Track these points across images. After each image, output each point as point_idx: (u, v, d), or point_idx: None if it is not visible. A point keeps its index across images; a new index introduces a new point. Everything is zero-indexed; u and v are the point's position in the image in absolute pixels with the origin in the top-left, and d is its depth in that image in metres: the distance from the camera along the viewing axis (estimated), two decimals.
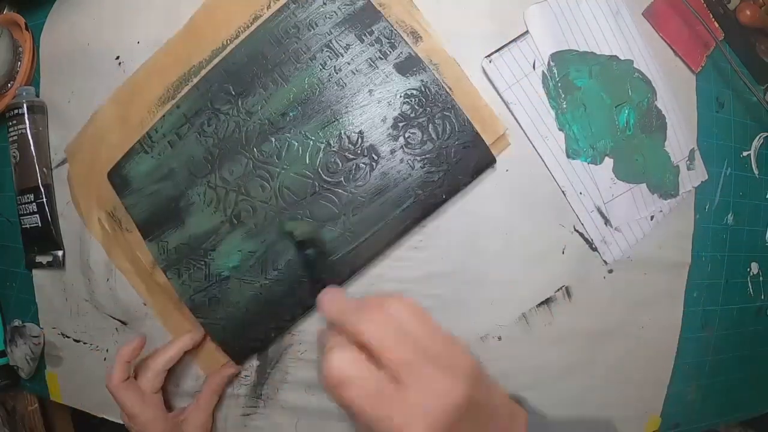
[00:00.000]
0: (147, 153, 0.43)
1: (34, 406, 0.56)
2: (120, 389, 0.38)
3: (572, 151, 0.41)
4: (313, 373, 0.42)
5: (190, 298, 0.42)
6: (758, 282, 0.49)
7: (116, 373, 0.38)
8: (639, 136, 0.42)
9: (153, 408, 0.40)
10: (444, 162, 0.38)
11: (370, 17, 0.39)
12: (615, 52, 0.42)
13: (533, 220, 0.41)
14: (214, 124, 0.41)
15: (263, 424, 0.44)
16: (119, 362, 0.39)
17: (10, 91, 0.49)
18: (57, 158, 0.48)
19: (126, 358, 0.39)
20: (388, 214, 0.39)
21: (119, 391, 0.38)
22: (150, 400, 0.40)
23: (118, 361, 0.39)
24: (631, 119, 0.42)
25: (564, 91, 0.41)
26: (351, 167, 0.39)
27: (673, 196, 0.44)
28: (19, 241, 0.49)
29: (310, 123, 0.40)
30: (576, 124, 0.41)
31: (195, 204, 0.41)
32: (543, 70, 0.41)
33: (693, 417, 0.47)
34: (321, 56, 0.40)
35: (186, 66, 0.43)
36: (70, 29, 0.48)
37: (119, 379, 0.38)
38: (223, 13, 0.42)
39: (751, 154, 0.48)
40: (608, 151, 0.42)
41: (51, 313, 0.50)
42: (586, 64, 0.41)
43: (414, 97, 0.39)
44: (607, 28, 0.42)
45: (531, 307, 0.41)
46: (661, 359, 0.45)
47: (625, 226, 0.42)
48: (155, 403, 0.40)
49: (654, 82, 0.43)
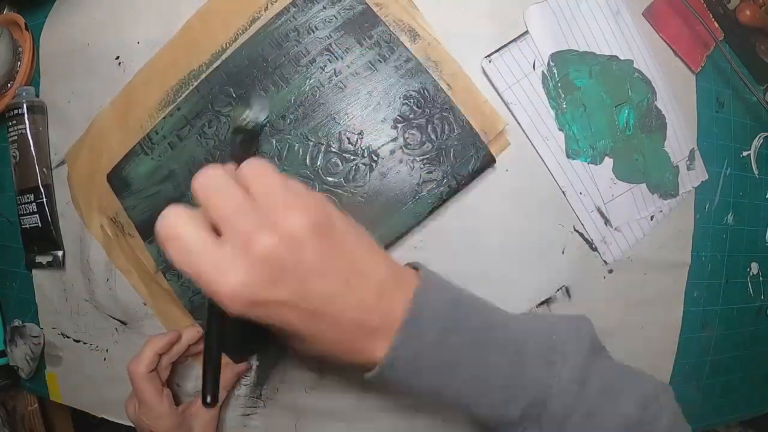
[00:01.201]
0: (147, 155, 0.43)
1: (34, 406, 0.56)
2: (145, 379, 0.37)
3: (572, 151, 0.41)
4: (313, 373, 0.42)
5: (190, 300, 0.42)
6: (758, 282, 0.49)
7: (145, 362, 0.37)
8: (639, 136, 0.42)
9: (168, 402, 0.39)
10: (443, 162, 0.38)
11: (369, 21, 0.39)
12: (615, 52, 0.42)
13: (533, 219, 0.41)
14: (215, 125, 0.41)
15: (263, 424, 0.44)
16: (151, 351, 0.37)
17: (10, 91, 0.49)
18: (57, 158, 0.48)
19: (158, 350, 0.38)
20: (388, 215, 0.39)
21: (143, 380, 0.37)
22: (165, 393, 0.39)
23: (150, 349, 0.37)
24: (631, 119, 0.42)
25: (564, 91, 0.41)
26: (351, 168, 0.39)
27: (673, 196, 0.44)
28: (19, 241, 0.49)
29: (310, 125, 0.40)
30: (576, 124, 0.41)
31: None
32: (543, 70, 0.40)
33: (693, 417, 0.47)
34: (321, 59, 0.40)
35: (185, 70, 0.43)
36: (70, 29, 0.48)
37: (148, 368, 0.37)
38: (221, 16, 0.42)
39: (751, 154, 0.48)
40: (608, 151, 0.42)
41: (51, 313, 0.50)
42: (586, 64, 0.41)
43: (413, 99, 0.39)
44: (607, 28, 0.42)
45: (531, 307, 0.41)
46: (661, 359, 0.45)
47: (625, 226, 0.42)
48: (169, 397, 0.39)
49: (654, 82, 0.43)
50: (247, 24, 0.42)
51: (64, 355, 0.50)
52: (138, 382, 0.37)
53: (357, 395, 0.42)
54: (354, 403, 0.42)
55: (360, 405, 0.42)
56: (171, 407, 0.39)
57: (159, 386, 0.38)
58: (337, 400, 0.42)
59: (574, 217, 0.41)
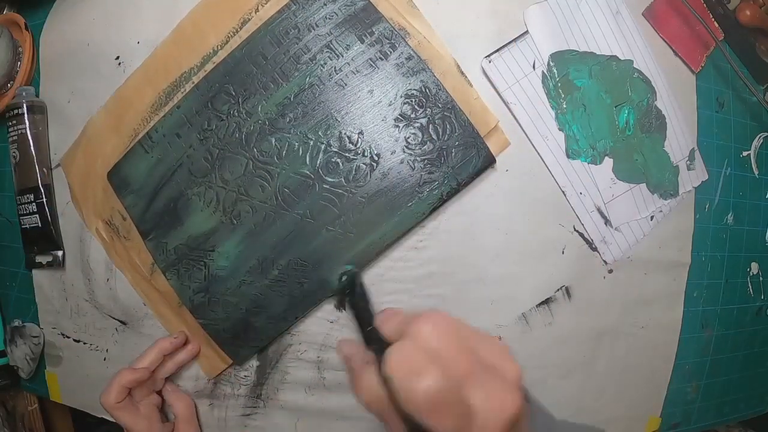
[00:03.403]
0: (147, 153, 0.43)
1: (34, 406, 0.56)
2: (115, 409, 0.39)
3: (572, 151, 0.41)
4: (313, 373, 0.42)
5: (190, 299, 0.42)
6: (758, 282, 0.49)
7: (113, 395, 0.39)
8: (639, 135, 0.42)
9: (146, 419, 0.41)
10: (444, 163, 0.38)
11: (371, 18, 0.39)
12: (615, 52, 0.42)
13: (533, 220, 0.41)
14: (215, 124, 0.41)
15: (263, 424, 0.44)
16: (118, 384, 0.39)
17: (10, 91, 0.49)
18: (57, 158, 0.48)
19: (126, 383, 0.39)
20: (389, 215, 0.39)
21: (114, 410, 0.39)
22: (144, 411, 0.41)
23: (117, 382, 0.39)
24: (631, 119, 0.42)
25: (564, 91, 0.41)
26: (351, 168, 0.39)
27: (673, 196, 0.44)
28: (19, 241, 0.49)
29: (310, 123, 0.40)
30: (576, 124, 0.41)
31: (194, 204, 0.41)
32: (543, 70, 0.40)
33: (693, 417, 0.47)
34: (321, 57, 0.40)
35: (177, 72, 0.43)
36: (70, 29, 0.48)
37: (116, 399, 0.39)
38: (211, 19, 0.42)
39: (751, 154, 0.48)
40: (608, 151, 0.42)
41: (51, 313, 0.50)
42: (586, 64, 0.41)
43: (414, 98, 0.39)
44: (607, 29, 0.42)
45: (531, 307, 0.41)
46: (661, 359, 0.45)
47: (625, 227, 0.42)
48: (149, 414, 0.41)
49: (654, 82, 0.43)
50: (238, 26, 0.42)
51: (64, 355, 0.50)
52: (111, 413, 0.40)
53: None
54: (354, 403, 0.42)
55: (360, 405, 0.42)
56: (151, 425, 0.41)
57: (133, 410, 0.40)
58: (338, 400, 0.42)
59: (574, 217, 0.41)
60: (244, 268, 0.41)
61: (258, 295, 0.41)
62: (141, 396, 0.41)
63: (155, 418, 0.42)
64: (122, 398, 0.39)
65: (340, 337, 0.42)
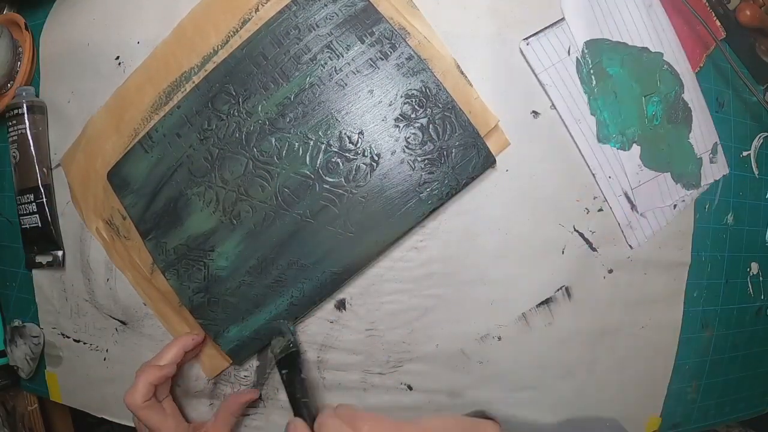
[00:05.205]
0: (147, 152, 0.43)
1: (34, 406, 0.56)
2: (142, 408, 0.37)
3: (603, 136, 0.42)
4: (313, 373, 0.42)
5: (189, 299, 0.42)
6: (758, 282, 0.49)
7: (141, 393, 0.37)
8: (665, 126, 0.43)
9: (173, 420, 0.39)
10: (444, 163, 0.38)
11: (371, 18, 0.39)
12: (646, 44, 0.43)
13: (533, 219, 0.41)
14: (215, 124, 0.41)
15: (263, 424, 0.44)
16: (145, 382, 0.37)
17: (10, 91, 0.49)
18: (57, 158, 0.48)
19: (152, 380, 0.37)
20: (389, 215, 0.39)
21: (141, 410, 0.37)
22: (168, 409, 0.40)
23: (143, 380, 0.37)
24: (659, 109, 0.43)
25: (596, 77, 0.41)
26: (351, 168, 0.39)
27: (695, 187, 0.44)
28: (19, 241, 0.49)
29: (310, 123, 0.40)
30: (607, 110, 0.42)
31: (194, 204, 0.41)
32: (577, 57, 0.41)
33: (693, 417, 0.47)
34: (322, 57, 0.40)
35: (177, 72, 0.43)
36: (70, 29, 0.48)
37: (143, 399, 0.37)
38: (212, 19, 0.43)
39: (751, 154, 0.48)
40: (636, 139, 0.42)
41: (51, 313, 0.50)
42: (618, 54, 0.42)
43: (414, 98, 0.39)
44: (639, 21, 0.43)
45: (531, 307, 0.41)
46: (661, 359, 0.45)
47: (650, 213, 0.43)
48: (173, 413, 0.40)
49: (682, 75, 0.44)
50: (238, 26, 0.42)
51: (64, 355, 0.50)
52: (137, 413, 0.37)
53: (357, 396, 0.42)
54: (355, 403, 0.42)
55: (361, 406, 0.42)
56: (179, 423, 0.40)
57: (160, 409, 0.39)
58: (338, 401, 0.42)
59: (574, 217, 0.41)
60: (243, 269, 0.41)
61: (258, 296, 0.41)
62: (162, 394, 0.40)
63: (180, 417, 0.40)
64: (150, 397, 0.37)
65: (340, 338, 0.42)
